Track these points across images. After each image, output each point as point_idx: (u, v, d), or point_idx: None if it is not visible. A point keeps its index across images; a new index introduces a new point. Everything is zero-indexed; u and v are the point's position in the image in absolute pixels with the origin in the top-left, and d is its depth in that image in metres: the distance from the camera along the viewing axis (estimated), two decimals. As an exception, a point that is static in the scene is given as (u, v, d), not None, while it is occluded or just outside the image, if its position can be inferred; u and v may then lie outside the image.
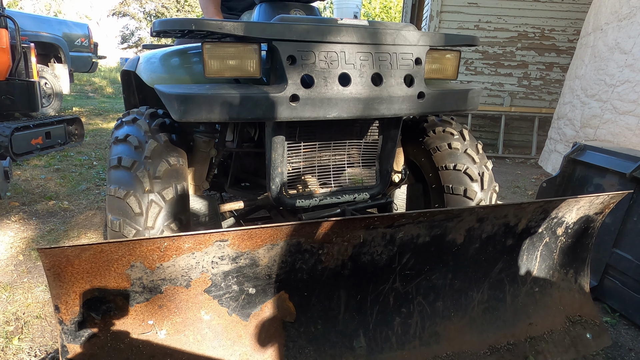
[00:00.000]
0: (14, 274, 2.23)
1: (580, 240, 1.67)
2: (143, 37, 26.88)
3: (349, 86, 1.44)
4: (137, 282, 1.04)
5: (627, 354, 1.80)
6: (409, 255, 1.33)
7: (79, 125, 5.41)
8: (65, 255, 0.94)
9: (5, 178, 2.83)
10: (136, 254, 1.00)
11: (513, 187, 4.24)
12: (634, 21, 3.67)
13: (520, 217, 1.44)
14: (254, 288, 1.19)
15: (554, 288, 1.65)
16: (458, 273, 1.46)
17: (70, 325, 1.03)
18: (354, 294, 1.33)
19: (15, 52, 5.02)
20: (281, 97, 1.36)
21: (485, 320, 1.51)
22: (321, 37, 1.38)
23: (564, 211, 1.51)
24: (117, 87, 13.97)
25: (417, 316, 1.42)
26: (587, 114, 4.13)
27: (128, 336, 1.08)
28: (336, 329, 1.32)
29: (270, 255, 1.15)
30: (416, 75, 1.54)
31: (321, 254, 1.21)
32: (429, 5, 5.85)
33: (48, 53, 7.25)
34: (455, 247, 1.40)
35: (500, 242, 1.48)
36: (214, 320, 1.17)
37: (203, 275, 1.11)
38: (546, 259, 1.62)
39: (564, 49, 5.61)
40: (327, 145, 1.70)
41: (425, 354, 1.40)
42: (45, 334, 1.78)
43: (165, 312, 1.11)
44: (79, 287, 1.00)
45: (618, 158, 2.14)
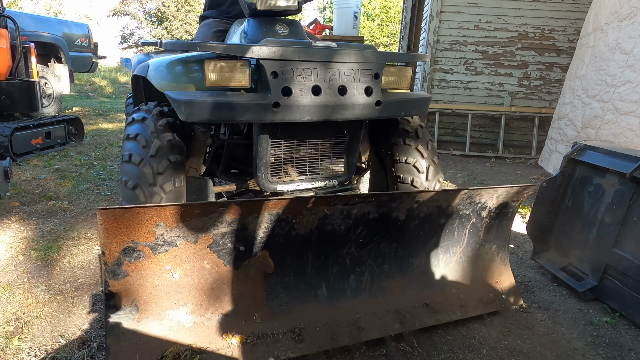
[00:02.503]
0: (14, 274, 2.23)
1: (502, 222, 2.04)
2: (143, 37, 26.87)
3: (320, 96, 1.78)
4: (160, 237, 1.41)
5: (627, 354, 1.80)
6: (362, 227, 1.71)
7: (79, 125, 5.41)
8: (113, 214, 1.30)
9: (5, 178, 2.83)
10: (161, 216, 1.37)
11: (513, 187, 4.24)
12: (635, 21, 3.67)
13: (450, 201, 1.82)
14: (244, 246, 1.56)
15: (480, 259, 2.03)
16: (401, 243, 1.83)
17: (112, 267, 1.38)
18: (319, 255, 1.70)
19: (15, 52, 5.02)
20: (266, 104, 1.70)
21: (422, 281, 1.90)
22: (298, 56, 1.72)
23: (486, 198, 1.89)
24: (117, 87, 13.98)
25: (368, 275, 1.80)
26: (588, 115, 4.13)
27: (151, 276, 1.45)
28: (304, 281, 1.70)
29: (256, 222, 1.52)
30: (374, 87, 1.88)
31: (294, 223, 1.58)
32: (429, 5, 5.84)
33: (48, 53, 7.25)
34: (399, 223, 1.78)
35: (435, 220, 1.85)
36: (214, 268, 1.55)
37: (207, 234, 1.48)
38: (474, 235, 1.99)
39: (564, 49, 5.61)
40: (303, 142, 2.05)
41: (373, 303, 1.79)
42: (45, 334, 1.78)
43: (179, 261, 1.48)
44: (119, 239, 1.35)
45: (618, 158, 2.14)
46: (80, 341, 1.74)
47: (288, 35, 2.05)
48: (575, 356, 1.78)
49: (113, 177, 3.94)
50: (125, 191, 1.78)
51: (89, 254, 2.48)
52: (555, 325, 1.99)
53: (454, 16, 5.69)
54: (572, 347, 1.83)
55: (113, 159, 4.68)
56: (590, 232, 2.28)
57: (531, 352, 1.79)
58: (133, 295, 1.44)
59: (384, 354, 1.74)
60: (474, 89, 5.86)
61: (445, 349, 1.78)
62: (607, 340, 1.88)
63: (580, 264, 2.33)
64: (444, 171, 4.78)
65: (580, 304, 2.17)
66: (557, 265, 2.42)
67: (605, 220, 2.19)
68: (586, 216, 2.31)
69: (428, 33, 5.77)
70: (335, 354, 1.71)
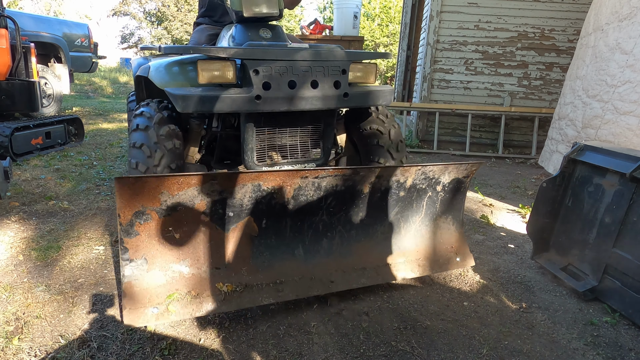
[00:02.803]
0: (14, 274, 2.23)
1: (455, 196, 2.29)
2: (143, 37, 26.87)
3: (295, 89, 2.08)
4: (164, 203, 1.68)
5: (627, 354, 1.80)
6: (332, 198, 1.98)
7: (79, 125, 5.41)
8: (128, 182, 1.58)
9: (5, 178, 2.83)
10: (164, 185, 1.64)
11: (513, 187, 4.24)
12: (635, 21, 3.67)
13: (407, 176, 2.07)
14: (232, 212, 1.83)
15: (436, 227, 2.31)
16: (367, 212, 2.10)
17: (125, 227, 1.65)
18: (295, 221, 1.98)
19: (15, 52, 5.02)
20: (249, 97, 2.01)
21: (385, 245, 2.18)
22: (275, 56, 2.04)
23: (439, 174, 2.15)
24: (117, 87, 13.98)
25: (338, 238, 2.08)
26: (588, 115, 4.13)
27: (157, 236, 1.73)
28: (284, 243, 1.98)
29: (242, 191, 1.79)
30: (342, 81, 2.18)
31: (274, 193, 1.85)
32: (429, 5, 5.84)
33: (48, 53, 7.25)
34: (363, 194, 2.04)
35: (395, 193, 2.12)
36: (208, 230, 1.82)
37: (202, 201, 1.75)
38: (430, 207, 2.25)
39: (564, 49, 5.61)
40: (284, 129, 2.35)
41: (342, 262, 2.07)
42: (45, 334, 1.78)
43: (179, 223, 1.76)
44: (132, 204, 1.63)
45: (618, 158, 2.14)
46: (80, 341, 1.74)
47: (270, 39, 2.33)
48: (575, 356, 1.78)
49: (113, 177, 3.94)
50: (133, 172, 2.08)
51: (89, 254, 2.48)
52: (555, 325, 1.99)
53: (454, 16, 5.69)
54: (572, 347, 1.83)
55: (113, 159, 4.68)
56: (590, 232, 2.28)
57: (531, 352, 1.79)
58: (143, 250, 1.72)
59: (384, 354, 1.74)
60: (474, 89, 5.86)
61: (445, 349, 1.79)
62: (607, 340, 1.88)
63: (580, 264, 2.33)
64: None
65: (580, 304, 2.17)
66: (557, 265, 2.42)
67: (605, 220, 2.19)
68: (586, 216, 2.31)
69: (428, 33, 5.77)
70: (336, 353, 1.72)
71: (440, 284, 2.34)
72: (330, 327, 1.91)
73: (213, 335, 1.83)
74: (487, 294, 2.26)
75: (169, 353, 1.70)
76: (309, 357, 1.71)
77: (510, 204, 3.73)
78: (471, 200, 3.77)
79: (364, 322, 1.96)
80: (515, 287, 2.33)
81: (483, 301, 2.18)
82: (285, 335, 1.84)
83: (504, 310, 2.11)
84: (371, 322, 1.96)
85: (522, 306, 2.13)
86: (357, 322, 1.95)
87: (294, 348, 1.76)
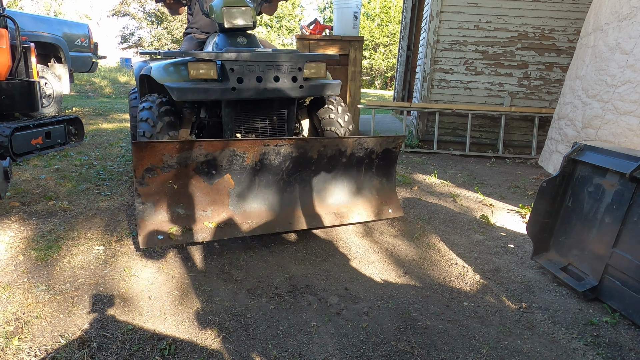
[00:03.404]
0: (14, 274, 2.23)
1: (388, 163, 2.88)
2: (143, 37, 26.87)
3: (261, 82, 2.67)
4: (165, 162, 2.27)
5: (627, 354, 1.80)
6: (289, 162, 2.57)
7: (79, 125, 5.40)
8: (141, 146, 2.16)
9: (5, 178, 2.82)
10: (166, 149, 2.22)
11: (513, 187, 4.24)
12: (635, 21, 3.67)
13: (347, 146, 2.66)
14: (215, 170, 2.42)
15: (374, 188, 2.90)
16: (317, 174, 2.70)
17: (139, 179, 2.26)
18: (262, 180, 2.56)
19: (15, 52, 5.02)
20: (227, 88, 2.60)
21: (333, 199, 2.79)
22: (246, 58, 2.62)
23: (372, 145, 2.73)
24: (117, 87, 13.97)
25: (297, 193, 2.68)
26: (588, 115, 4.13)
27: (161, 186, 2.33)
28: (254, 195, 2.58)
29: (221, 155, 2.37)
30: (298, 76, 2.76)
31: (244, 157, 2.44)
32: (429, 5, 5.84)
33: (48, 53, 7.25)
34: (314, 160, 2.63)
35: (339, 159, 2.70)
36: (197, 184, 2.42)
37: (192, 162, 2.34)
38: (368, 171, 2.84)
39: (564, 49, 5.61)
40: (255, 114, 2.95)
41: (299, 211, 2.67)
42: (45, 334, 1.78)
43: (176, 178, 2.35)
44: (143, 162, 2.22)
45: (618, 158, 2.14)
46: (80, 341, 1.74)
47: (246, 45, 2.90)
48: (575, 356, 1.78)
49: (113, 177, 3.94)
50: (140, 139, 2.62)
51: (89, 254, 2.48)
52: (555, 325, 1.99)
53: (454, 16, 5.69)
54: (572, 347, 1.83)
55: (113, 159, 4.68)
56: (590, 232, 2.28)
57: (531, 352, 1.79)
58: (151, 197, 2.32)
59: (384, 354, 1.74)
60: (474, 89, 5.86)
61: (445, 349, 1.79)
62: (607, 340, 1.88)
63: (580, 264, 2.33)
64: (445, 171, 4.78)
65: (580, 304, 2.17)
66: (557, 265, 2.42)
67: (605, 220, 2.19)
68: (586, 216, 2.31)
69: (428, 33, 5.77)
70: (336, 353, 1.71)
71: (440, 284, 2.35)
72: (330, 327, 1.91)
73: (213, 335, 1.83)
74: (487, 294, 2.26)
75: (169, 353, 1.70)
76: (309, 357, 1.71)
77: (510, 204, 3.73)
78: (471, 200, 3.77)
79: (364, 322, 1.96)
80: (515, 287, 2.33)
81: (483, 301, 2.18)
82: (285, 335, 1.84)
83: (504, 310, 2.11)
84: (371, 322, 1.96)
85: (522, 306, 2.14)
86: (357, 322, 1.95)
87: (294, 348, 1.76)
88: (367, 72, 29.84)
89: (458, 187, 4.16)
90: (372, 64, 29.00)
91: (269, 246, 2.71)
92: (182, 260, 2.47)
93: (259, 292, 2.19)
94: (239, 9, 2.84)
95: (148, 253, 2.53)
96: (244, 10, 2.85)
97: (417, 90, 6.27)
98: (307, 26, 7.02)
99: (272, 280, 2.31)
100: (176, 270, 2.36)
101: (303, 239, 2.84)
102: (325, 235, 2.91)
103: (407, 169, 4.81)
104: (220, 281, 2.27)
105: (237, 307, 2.04)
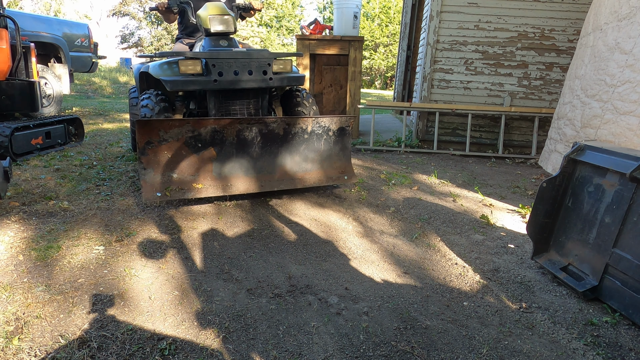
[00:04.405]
0: (14, 274, 2.23)
1: (342, 138, 3.54)
2: (143, 37, 26.86)
3: (238, 75, 3.26)
4: (161, 136, 2.94)
5: (627, 354, 1.80)
6: (260, 137, 3.24)
7: (79, 125, 5.40)
8: (144, 123, 2.89)
9: (5, 178, 2.82)
10: (161, 126, 2.94)
11: (513, 187, 4.24)
12: (634, 21, 3.67)
13: (307, 125, 3.35)
14: (200, 144, 3.07)
15: (332, 158, 3.55)
16: (283, 147, 3.34)
17: (141, 149, 2.91)
18: (240, 150, 3.20)
19: (15, 52, 5.02)
20: (210, 80, 3.19)
21: (298, 167, 3.43)
22: (225, 56, 3.23)
23: (328, 123, 3.43)
24: (117, 87, 13.97)
25: (266, 162, 3.32)
26: (587, 114, 4.13)
27: (158, 155, 2.98)
28: (232, 164, 3.20)
29: (205, 131, 3.05)
30: (268, 70, 3.36)
31: (224, 132, 3.10)
32: (429, 5, 5.84)
33: (48, 53, 7.24)
34: (280, 136, 3.29)
35: (301, 135, 3.37)
36: (186, 154, 3.05)
37: (182, 137, 3.00)
38: (327, 145, 3.50)
39: (564, 49, 5.61)
40: (234, 103, 3.53)
41: (269, 177, 3.31)
42: (45, 334, 1.78)
43: (170, 150, 3.00)
44: (144, 136, 2.90)
45: (618, 158, 2.14)
46: (80, 341, 1.74)
47: (227, 46, 3.45)
48: (575, 356, 1.78)
49: (113, 177, 3.94)
50: None
51: (89, 254, 2.48)
52: (555, 325, 1.99)
53: (454, 16, 5.69)
54: (572, 347, 1.83)
55: (113, 159, 4.68)
56: (590, 232, 2.28)
57: (531, 352, 1.79)
58: (151, 164, 2.97)
59: (384, 354, 1.74)
60: (474, 89, 5.86)
61: (445, 349, 1.79)
62: (607, 340, 1.88)
63: (580, 264, 2.33)
64: (445, 171, 4.78)
65: (580, 304, 2.17)
66: (557, 265, 2.42)
67: (605, 220, 2.19)
68: (586, 216, 2.31)
69: (428, 33, 5.77)
70: (336, 353, 1.71)
71: (440, 284, 2.35)
72: (330, 327, 1.91)
73: (213, 335, 1.83)
74: (487, 294, 2.26)
75: (169, 353, 1.70)
76: (309, 357, 1.71)
77: (510, 204, 3.73)
78: (471, 200, 3.77)
79: (364, 322, 1.96)
80: (515, 287, 2.33)
81: (483, 301, 2.18)
82: (285, 335, 1.84)
83: (504, 310, 2.11)
84: (371, 322, 1.96)
85: (522, 306, 2.14)
86: (357, 322, 1.95)
87: (294, 348, 1.76)
88: (367, 72, 29.84)
89: (458, 187, 4.16)
90: (372, 64, 29.00)
91: (269, 246, 2.71)
92: (182, 260, 2.47)
93: (259, 292, 2.19)
94: (222, 17, 3.41)
95: (148, 253, 2.53)
96: (226, 18, 3.43)
97: (417, 90, 6.27)
98: (307, 26, 7.02)
99: (272, 280, 2.31)
100: (176, 270, 2.36)
101: (303, 239, 2.84)
102: (325, 235, 2.91)
103: (407, 169, 4.81)
104: (220, 281, 2.27)
105: (237, 307, 2.04)
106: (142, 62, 4.45)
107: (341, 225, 3.11)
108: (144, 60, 4.49)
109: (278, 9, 31.12)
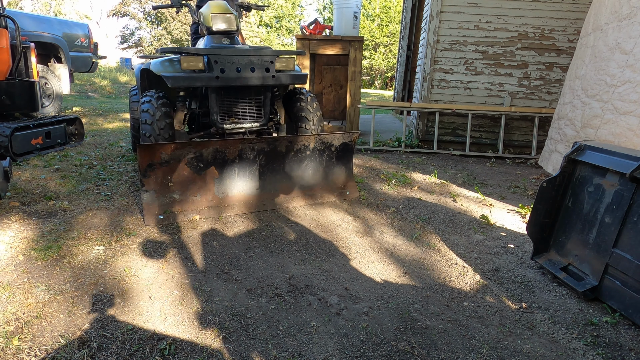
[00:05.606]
0: (14, 274, 2.23)
1: (345, 153, 3.53)
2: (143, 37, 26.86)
3: (240, 72, 3.23)
4: (163, 159, 2.90)
5: (627, 354, 1.80)
6: (262, 156, 3.20)
7: (79, 125, 5.40)
8: (144, 148, 2.82)
9: (5, 178, 2.82)
10: (163, 149, 2.87)
11: (513, 187, 4.24)
12: (635, 21, 3.67)
13: (310, 142, 3.32)
14: (203, 164, 3.03)
15: (335, 173, 3.55)
16: (286, 164, 3.31)
17: (143, 172, 2.88)
18: (242, 170, 3.17)
19: (15, 52, 5.02)
20: (212, 77, 3.16)
21: (300, 184, 3.41)
22: (227, 53, 3.20)
23: (331, 140, 3.41)
24: (117, 87, 13.97)
25: (268, 181, 3.30)
26: (587, 114, 4.13)
27: (160, 177, 2.95)
28: (234, 183, 3.18)
29: (207, 151, 3.00)
30: (271, 68, 3.33)
31: (226, 152, 3.06)
32: (429, 5, 5.84)
33: (48, 53, 7.24)
34: (282, 153, 3.26)
35: (304, 152, 3.34)
36: (188, 175, 3.02)
37: (184, 157, 2.95)
38: (330, 160, 3.48)
39: (564, 49, 5.61)
40: (236, 100, 3.49)
41: (271, 195, 3.30)
42: (45, 334, 1.78)
43: (172, 171, 2.97)
44: (146, 159, 2.86)
45: (618, 158, 2.14)
46: (80, 341, 1.74)
47: (229, 44, 3.42)
48: (575, 356, 1.78)
49: (113, 177, 3.94)
50: (144, 139, 3.24)
51: (89, 254, 2.48)
52: (555, 325, 1.99)
53: (454, 16, 5.69)
54: (572, 347, 1.83)
55: (113, 158, 4.68)
56: (590, 232, 2.28)
57: (531, 352, 1.79)
58: (152, 185, 2.93)
59: (384, 354, 1.74)
60: (474, 89, 5.86)
61: (445, 349, 1.79)
62: (607, 340, 1.88)
63: (580, 264, 2.33)
64: (444, 171, 4.78)
65: (580, 304, 2.17)
66: (557, 265, 2.42)
67: (605, 220, 2.19)
68: (586, 216, 2.31)
69: (428, 33, 5.77)
70: (336, 353, 1.71)
71: (440, 284, 2.35)
72: (330, 327, 1.91)
73: (213, 335, 1.83)
74: (487, 294, 2.26)
75: (169, 353, 1.70)
76: (309, 357, 1.71)
77: (510, 204, 3.73)
78: (471, 200, 3.77)
79: (364, 322, 1.96)
80: (515, 287, 2.33)
81: (483, 301, 2.18)
82: (285, 335, 1.84)
83: (504, 310, 2.11)
84: (371, 322, 1.96)
85: (522, 306, 2.14)
86: (357, 322, 1.95)
87: (294, 348, 1.76)
88: (367, 72, 29.84)
89: (458, 187, 4.16)
90: (372, 64, 29.00)
91: (269, 246, 2.71)
92: (182, 260, 2.47)
93: (259, 292, 2.19)
94: (224, 16, 3.40)
95: (148, 253, 2.53)
96: (228, 17, 3.42)
97: (417, 90, 6.27)
98: (307, 26, 7.01)
99: (272, 280, 2.31)
100: (176, 270, 2.36)
101: (303, 239, 2.84)
102: (325, 235, 2.91)
103: (407, 169, 4.81)
104: (220, 281, 2.27)
105: (237, 307, 2.04)
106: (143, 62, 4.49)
107: (341, 225, 3.11)
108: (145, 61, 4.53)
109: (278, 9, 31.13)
